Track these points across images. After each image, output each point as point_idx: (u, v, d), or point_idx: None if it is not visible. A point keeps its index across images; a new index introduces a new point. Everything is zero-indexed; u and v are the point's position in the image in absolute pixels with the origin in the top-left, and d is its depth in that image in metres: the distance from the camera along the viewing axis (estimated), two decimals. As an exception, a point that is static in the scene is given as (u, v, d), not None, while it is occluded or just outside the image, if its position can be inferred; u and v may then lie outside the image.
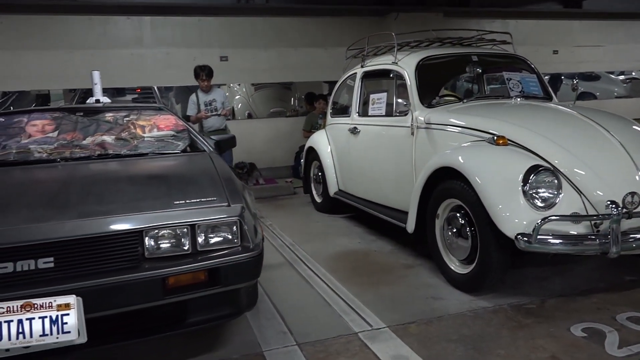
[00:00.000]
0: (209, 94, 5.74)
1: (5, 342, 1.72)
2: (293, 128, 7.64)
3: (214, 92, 5.81)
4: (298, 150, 7.16)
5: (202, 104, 5.67)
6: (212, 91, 5.79)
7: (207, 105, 5.70)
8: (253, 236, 2.13)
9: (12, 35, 6.42)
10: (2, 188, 2.45)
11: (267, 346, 2.36)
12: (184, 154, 3.10)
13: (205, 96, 5.73)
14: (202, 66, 5.67)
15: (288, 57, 7.53)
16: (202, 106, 5.66)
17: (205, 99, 5.72)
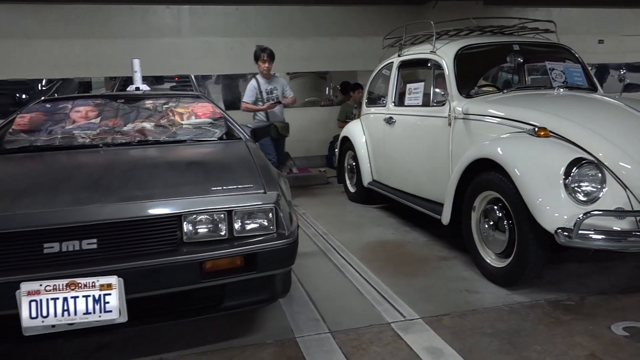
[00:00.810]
0: (270, 82, 5.21)
1: (51, 319, 1.80)
2: (327, 117, 7.63)
3: (275, 80, 5.30)
4: (332, 140, 7.16)
5: (264, 92, 5.14)
6: (273, 79, 5.28)
7: (268, 93, 5.17)
8: (288, 223, 2.15)
9: (57, 24, 6.63)
10: (48, 171, 2.55)
11: (300, 333, 2.39)
12: (220, 142, 3.14)
13: (267, 84, 5.19)
14: (263, 47, 5.15)
15: (324, 46, 7.51)
16: (263, 94, 5.12)
17: (266, 86, 5.17)
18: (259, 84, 5.15)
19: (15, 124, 3.11)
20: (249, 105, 5.11)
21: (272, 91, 5.18)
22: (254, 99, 5.13)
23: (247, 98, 5.14)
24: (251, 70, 6.03)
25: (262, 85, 5.14)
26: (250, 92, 5.14)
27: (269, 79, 5.23)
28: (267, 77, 5.20)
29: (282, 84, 5.33)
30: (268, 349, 2.26)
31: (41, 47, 6.60)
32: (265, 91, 5.14)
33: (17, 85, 7.09)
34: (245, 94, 5.17)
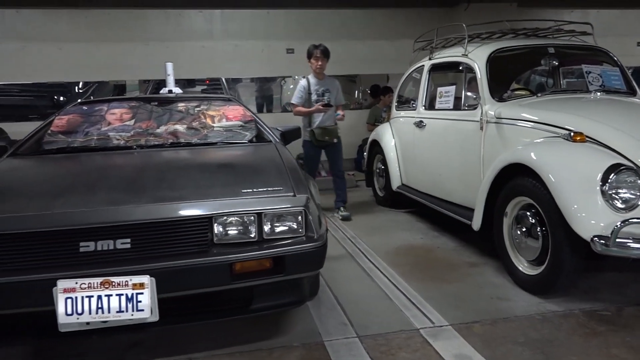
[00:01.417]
0: (322, 83, 4.65)
1: (86, 316, 1.84)
2: (356, 121, 7.61)
3: (328, 81, 4.71)
4: (361, 144, 7.14)
5: (313, 94, 4.60)
6: (326, 80, 4.70)
7: (319, 95, 4.61)
8: (317, 227, 2.15)
9: (93, 28, 6.81)
10: (85, 172, 2.62)
11: (328, 336, 2.38)
12: (251, 144, 3.17)
13: (318, 84, 4.63)
14: (316, 44, 4.65)
15: (353, 49, 7.49)
16: (313, 96, 4.59)
17: (317, 87, 4.62)
18: (309, 84, 4.63)
19: (54, 126, 3.20)
20: (297, 108, 4.64)
21: (323, 93, 4.63)
22: (302, 100, 4.62)
23: (294, 99, 4.66)
24: (281, 73, 6.07)
25: (312, 86, 4.61)
26: (298, 92, 4.65)
27: (322, 80, 4.67)
28: (320, 77, 4.66)
29: (336, 87, 4.75)
30: (295, 351, 2.26)
31: (78, 51, 6.79)
32: (315, 92, 4.61)
33: (54, 87, 7.33)
34: (294, 95, 4.69)
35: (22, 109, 7.11)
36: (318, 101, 4.56)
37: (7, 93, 7.35)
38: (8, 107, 7.04)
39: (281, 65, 7.41)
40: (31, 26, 6.71)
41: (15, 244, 1.88)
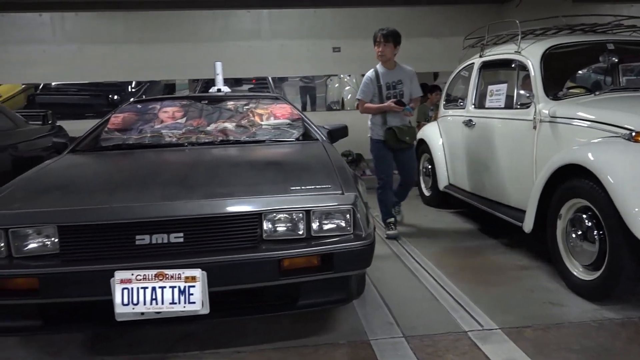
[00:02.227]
0: (393, 73, 3.87)
1: (141, 307, 1.91)
2: (403, 120, 7.54)
3: (400, 70, 3.90)
4: (406, 142, 7.06)
5: (383, 87, 3.84)
6: (397, 69, 3.89)
7: (390, 88, 3.84)
8: (365, 225, 2.15)
9: (146, 30, 7.04)
10: (140, 168, 2.72)
11: (374, 335, 2.37)
12: (298, 142, 3.20)
13: (388, 75, 3.85)
14: (382, 28, 3.91)
15: (400, 46, 7.42)
16: (382, 89, 3.83)
17: (388, 79, 3.85)
18: (377, 75, 3.85)
19: (110, 124, 3.33)
20: (364, 104, 3.90)
21: (394, 85, 3.85)
22: (370, 95, 3.88)
23: (360, 94, 3.94)
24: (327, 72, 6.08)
25: (381, 78, 3.84)
26: (365, 86, 3.90)
27: (392, 69, 3.88)
28: (389, 66, 3.87)
29: (410, 77, 3.94)
30: (341, 349, 2.26)
31: (131, 52, 7.04)
32: (386, 85, 3.84)
33: (110, 87, 7.63)
34: (360, 90, 3.97)
35: (79, 108, 7.45)
36: (390, 95, 3.81)
37: (66, 92, 7.71)
38: (66, 106, 7.38)
39: (327, 64, 7.42)
40: (89, 29, 7.00)
41: (76, 235, 1.97)
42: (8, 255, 1.97)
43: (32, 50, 6.86)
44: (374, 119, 3.94)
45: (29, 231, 1.99)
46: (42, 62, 6.90)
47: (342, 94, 8.90)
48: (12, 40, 6.84)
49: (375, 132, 3.93)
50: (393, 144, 3.84)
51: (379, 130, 3.89)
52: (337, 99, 9.09)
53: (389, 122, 3.84)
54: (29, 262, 1.96)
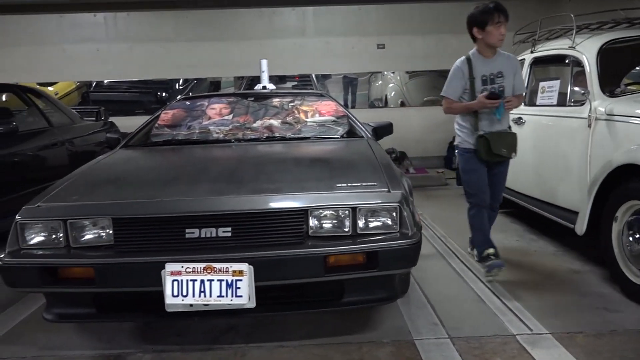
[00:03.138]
0: (493, 63, 2.93)
1: (189, 299, 1.95)
2: (447, 117, 7.35)
3: (500, 58, 2.96)
4: (452, 140, 6.94)
5: (477, 79, 2.91)
6: (499, 57, 2.96)
7: (487, 82, 2.91)
8: (412, 224, 2.12)
9: (194, 28, 7.20)
10: (189, 163, 2.79)
11: (418, 335, 2.35)
12: (343, 139, 3.20)
13: (486, 65, 2.92)
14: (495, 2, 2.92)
15: (446, 43, 7.30)
16: (476, 83, 2.90)
17: (484, 70, 2.92)
18: (470, 66, 2.92)
19: (160, 120, 3.43)
20: (450, 104, 3.02)
21: (492, 79, 2.92)
22: (459, 91, 2.96)
23: (447, 90, 3.01)
24: (371, 69, 6.02)
25: (476, 68, 2.91)
26: (453, 80, 2.98)
27: (491, 58, 2.94)
28: (488, 53, 2.93)
29: (514, 68, 3.02)
30: (385, 348, 2.25)
31: (180, 50, 7.22)
32: (481, 77, 2.91)
33: (158, 84, 7.83)
34: (445, 84, 3.04)
35: (130, 105, 7.68)
36: (487, 91, 2.87)
37: (117, 90, 7.96)
38: (117, 103, 7.63)
39: (371, 61, 7.39)
40: (139, 27, 7.23)
41: (129, 228, 2.04)
42: (66, 246, 2.06)
43: (86, 49, 7.16)
44: (462, 121, 3.05)
45: (85, 223, 2.07)
46: (95, 61, 7.18)
47: (386, 92, 8.83)
48: (69, 39, 7.15)
49: (464, 138, 3.04)
50: (485, 156, 2.92)
51: (469, 137, 2.99)
52: (381, 97, 9.03)
53: (481, 127, 2.93)
54: (86, 252, 2.05)
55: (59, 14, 7.09)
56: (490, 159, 2.94)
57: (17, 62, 7.04)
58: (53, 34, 7.12)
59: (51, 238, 2.07)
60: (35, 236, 2.08)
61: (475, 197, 3.07)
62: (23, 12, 7.03)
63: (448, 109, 3.09)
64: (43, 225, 2.08)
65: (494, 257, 2.97)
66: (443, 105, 3.12)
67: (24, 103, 4.47)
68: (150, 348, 2.29)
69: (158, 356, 2.22)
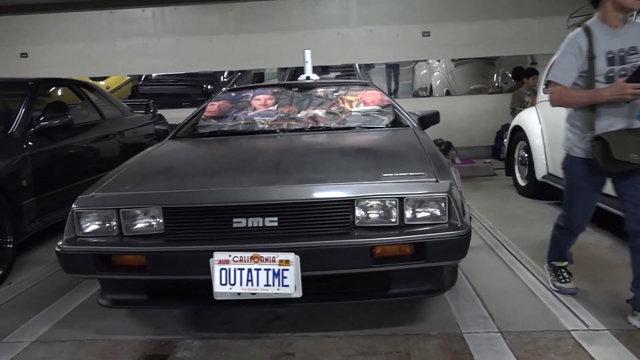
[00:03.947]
0: (621, 34, 2.18)
1: (237, 287, 1.97)
2: (495, 106, 7.21)
3: (634, 29, 2.20)
4: (500, 130, 6.75)
5: (601, 57, 2.17)
6: (628, 27, 2.20)
7: (616, 61, 2.16)
8: (461, 214, 2.07)
9: (238, 20, 7.27)
10: (235, 154, 2.82)
11: (467, 329, 2.29)
12: (388, 129, 3.15)
13: (614, 38, 2.18)
14: None
15: (494, 29, 7.08)
16: (599, 64, 2.17)
17: (611, 45, 2.17)
18: (590, 39, 2.18)
19: (207, 111, 3.48)
20: (562, 91, 2.26)
21: (624, 57, 2.16)
22: (573, 74, 2.23)
23: (556, 73, 2.28)
24: (416, 57, 5.86)
25: (599, 42, 2.17)
26: (567, 58, 2.24)
27: (621, 28, 2.20)
28: (617, 22, 2.19)
29: None
30: (432, 340, 2.21)
31: (225, 42, 7.31)
32: (606, 55, 2.17)
33: (204, 77, 7.97)
34: (554, 64, 2.35)
35: (176, 97, 7.86)
36: (613, 75, 2.15)
37: (164, 83, 8.17)
38: (165, 96, 7.82)
39: (416, 49, 7.26)
40: (186, 21, 7.36)
41: (179, 217, 2.08)
42: (119, 234, 2.13)
43: (135, 43, 7.36)
44: (573, 118, 2.37)
45: (137, 212, 2.12)
46: (144, 55, 7.38)
47: (430, 80, 8.66)
48: (120, 35, 7.36)
49: (573, 142, 2.36)
50: (606, 165, 2.17)
51: (579, 141, 2.32)
52: (425, 86, 8.87)
53: (598, 127, 2.20)
54: (137, 240, 2.10)
55: (109, 10, 7.31)
56: (612, 169, 2.19)
57: (72, 57, 7.32)
58: (104, 30, 7.36)
59: (105, 226, 2.14)
60: (90, 224, 2.16)
61: (569, 222, 2.51)
62: (76, 10, 7.30)
63: (559, 99, 2.28)
64: (97, 214, 2.15)
65: (567, 276, 2.64)
66: (551, 94, 2.33)
67: (78, 97, 4.64)
68: (199, 335, 2.34)
69: (207, 343, 2.26)
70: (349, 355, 2.12)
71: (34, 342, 2.33)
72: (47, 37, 7.35)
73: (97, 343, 2.30)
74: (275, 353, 2.16)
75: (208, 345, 2.24)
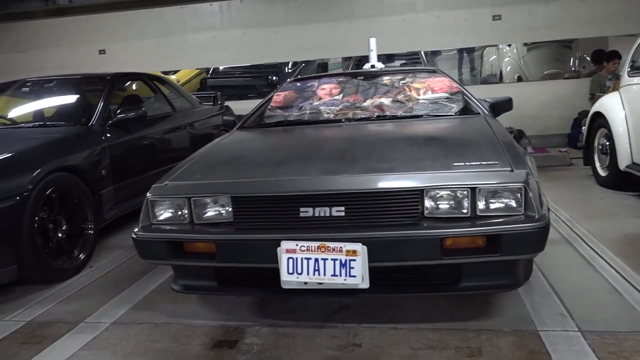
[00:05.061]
0: None
1: (304, 276, 1.98)
2: (571, 92, 6.79)
3: None
4: (577, 117, 6.36)
5: None
6: None
7: None
8: (539, 206, 1.95)
9: (301, 11, 7.29)
10: (301, 143, 2.83)
11: (543, 326, 2.17)
12: (458, 117, 3.04)
13: None
14: None
15: (571, 10, 6.65)
16: None
17: None
18: None
19: (273, 102, 3.51)
20: None
21: None
22: None
23: None
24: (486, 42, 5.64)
25: None
26: None
27: None
28: None
29: None
30: (506, 337, 2.11)
31: (290, 33, 7.35)
32: None
33: (269, 68, 8.07)
34: None
35: (243, 89, 8.01)
36: None
37: (231, 75, 8.35)
38: (232, 88, 8.00)
39: (486, 34, 6.97)
40: (252, 14, 7.47)
41: (247, 206, 2.11)
42: (190, 222, 2.19)
43: (204, 37, 7.57)
44: None
45: (207, 200, 2.17)
46: (212, 48, 7.57)
47: (501, 66, 8.30)
48: (189, 29, 7.60)
49: None
50: None
51: None
52: (494, 72, 8.52)
53: None
54: (208, 228, 2.15)
55: (180, 5, 7.55)
56: None
57: (145, 53, 7.65)
58: (175, 25, 7.62)
59: (177, 214, 2.21)
60: (163, 212, 2.23)
61: None
62: (150, 6, 7.60)
63: None
64: (170, 202, 2.22)
65: None
66: None
67: (151, 90, 4.83)
68: (266, 322, 2.37)
69: (274, 330, 2.29)
70: (417, 348, 2.07)
71: (113, 323, 2.46)
72: (123, 35, 7.72)
73: (170, 326, 2.39)
74: (341, 343, 2.14)
75: (275, 333, 2.27)
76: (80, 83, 4.42)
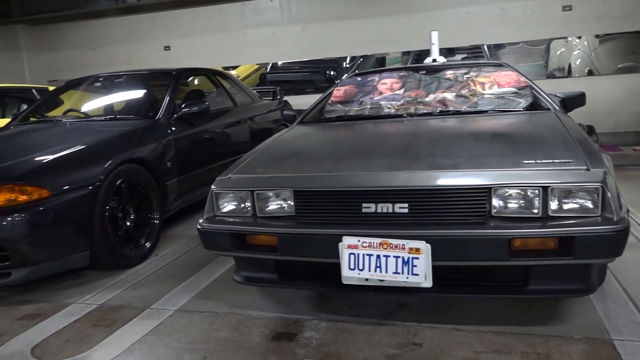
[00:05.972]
0: None
1: (365, 273, 1.96)
2: (648, 86, 6.37)
3: None
4: (656, 113, 5.96)
5: None
6: None
7: None
8: (617, 207, 1.84)
9: (364, 5, 7.23)
10: (362, 138, 2.80)
11: (618, 335, 2.04)
12: (526, 112, 2.92)
13: None
14: None
15: (650, -2, 6.23)
16: None
17: None
18: None
19: (333, 96, 3.50)
20: None
21: None
22: None
23: None
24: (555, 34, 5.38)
25: None
26: None
27: None
28: None
29: None
30: (576, 344, 2.01)
31: (349, 28, 7.32)
32: None
33: (327, 63, 8.08)
34: None
35: (301, 84, 8.07)
36: None
37: (290, 70, 8.42)
38: (290, 83, 8.07)
39: (555, 26, 6.65)
40: (311, 9, 7.50)
41: (309, 200, 2.11)
42: (253, 215, 2.22)
43: (264, 33, 7.67)
44: None
45: (269, 194, 2.20)
46: (272, 43, 7.67)
47: (570, 59, 7.90)
48: (250, 24, 7.74)
49: None
50: None
51: None
52: (562, 66, 8.13)
53: None
54: (270, 221, 2.18)
55: (241, 1, 7.69)
56: None
57: (207, 48, 7.86)
58: (236, 21, 7.77)
59: (240, 207, 2.25)
60: (227, 204, 2.28)
61: None
62: (212, 3, 7.78)
63: None
64: (234, 195, 2.26)
65: None
66: None
67: (214, 85, 4.95)
68: (325, 317, 2.37)
69: (333, 325, 2.29)
70: (481, 351, 2.00)
71: (177, 311, 2.54)
72: (186, 31, 7.96)
73: (231, 316, 2.44)
74: (401, 342, 2.11)
75: (334, 328, 2.26)
76: (147, 78, 4.58)
